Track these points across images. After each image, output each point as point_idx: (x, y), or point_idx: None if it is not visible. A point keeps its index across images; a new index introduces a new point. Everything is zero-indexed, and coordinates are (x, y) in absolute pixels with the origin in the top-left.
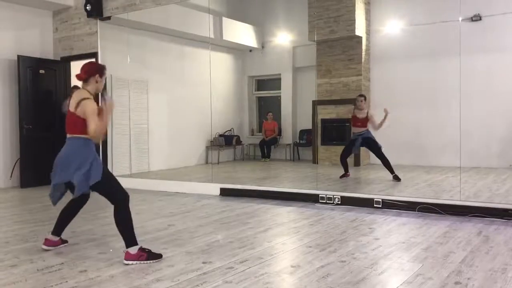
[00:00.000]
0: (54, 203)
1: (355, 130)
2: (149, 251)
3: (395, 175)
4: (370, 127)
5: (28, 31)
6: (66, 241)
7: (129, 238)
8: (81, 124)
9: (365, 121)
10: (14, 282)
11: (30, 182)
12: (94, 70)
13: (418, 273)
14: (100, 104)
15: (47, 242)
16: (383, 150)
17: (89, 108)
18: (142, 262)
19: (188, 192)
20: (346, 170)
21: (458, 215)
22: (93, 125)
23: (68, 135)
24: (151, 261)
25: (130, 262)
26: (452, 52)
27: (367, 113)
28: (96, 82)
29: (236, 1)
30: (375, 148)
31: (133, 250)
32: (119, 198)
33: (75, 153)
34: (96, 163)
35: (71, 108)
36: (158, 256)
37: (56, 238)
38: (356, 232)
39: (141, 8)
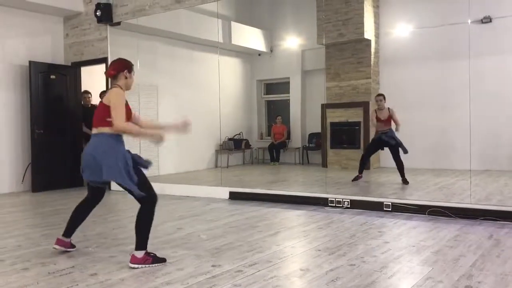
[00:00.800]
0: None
1: (378, 128)
2: (154, 255)
3: (405, 179)
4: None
5: (40, 37)
6: (74, 246)
7: (142, 241)
8: (109, 115)
9: (388, 120)
10: (26, 285)
11: (41, 186)
12: (122, 66)
13: (428, 277)
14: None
15: (58, 242)
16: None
17: (114, 95)
18: (147, 266)
19: (198, 196)
20: (360, 171)
21: (468, 219)
22: (117, 120)
23: (94, 130)
24: (156, 265)
25: (136, 266)
26: (462, 54)
27: (389, 110)
28: (126, 78)
29: (244, 6)
30: (395, 150)
31: (140, 254)
32: (148, 199)
33: (106, 152)
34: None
35: (104, 101)
36: (162, 260)
37: (67, 240)
38: (366, 235)
39: (150, 14)
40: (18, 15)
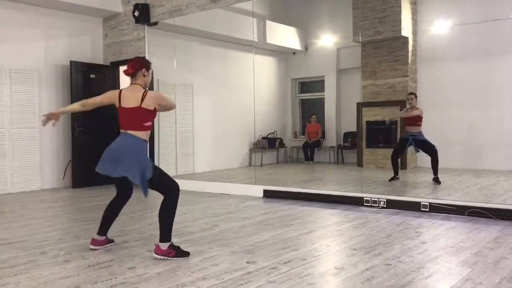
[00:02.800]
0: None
1: (408, 129)
2: (178, 248)
3: (437, 177)
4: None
5: (80, 38)
6: (112, 241)
7: (166, 233)
8: (147, 116)
9: (417, 119)
10: (68, 277)
11: (81, 183)
12: (140, 65)
13: (467, 278)
14: None
15: (94, 241)
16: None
17: (160, 95)
18: (170, 258)
19: (232, 194)
20: (396, 172)
21: (510, 220)
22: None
23: (128, 131)
24: (179, 258)
25: (159, 257)
26: (504, 51)
27: (418, 110)
28: (144, 76)
29: (279, 4)
30: (429, 149)
31: (164, 245)
32: (171, 188)
33: (132, 152)
34: (148, 161)
35: (134, 104)
36: (186, 254)
37: (102, 238)
38: (402, 235)
39: (187, 13)
40: (59, 17)
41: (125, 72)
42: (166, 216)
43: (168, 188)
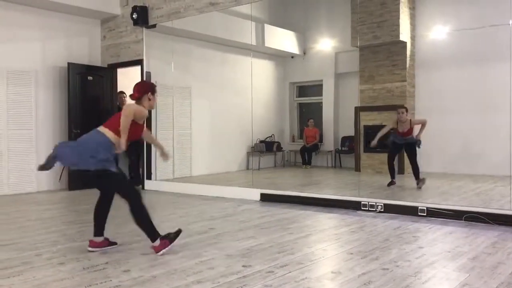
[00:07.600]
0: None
1: (397, 138)
2: (168, 234)
3: (418, 181)
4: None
5: (78, 39)
6: (115, 243)
7: (151, 232)
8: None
9: (409, 132)
10: (62, 279)
11: (77, 185)
12: (146, 89)
13: (465, 283)
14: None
15: (91, 243)
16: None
17: (129, 109)
18: (168, 248)
19: (229, 197)
20: (392, 176)
21: (508, 225)
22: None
23: (101, 127)
24: (176, 242)
25: (161, 253)
26: (502, 56)
27: (410, 123)
28: (149, 99)
29: (278, 8)
30: (412, 153)
31: (157, 242)
32: (133, 193)
33: (95, 143)
34: (112, 161)
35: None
36: (178, 233)
37: (99, 239)
38: (400, 240)
39: (185, 16)
40: (57, 18)
41: (132, 96)
42: (141, 220)
43: (129, 192)
